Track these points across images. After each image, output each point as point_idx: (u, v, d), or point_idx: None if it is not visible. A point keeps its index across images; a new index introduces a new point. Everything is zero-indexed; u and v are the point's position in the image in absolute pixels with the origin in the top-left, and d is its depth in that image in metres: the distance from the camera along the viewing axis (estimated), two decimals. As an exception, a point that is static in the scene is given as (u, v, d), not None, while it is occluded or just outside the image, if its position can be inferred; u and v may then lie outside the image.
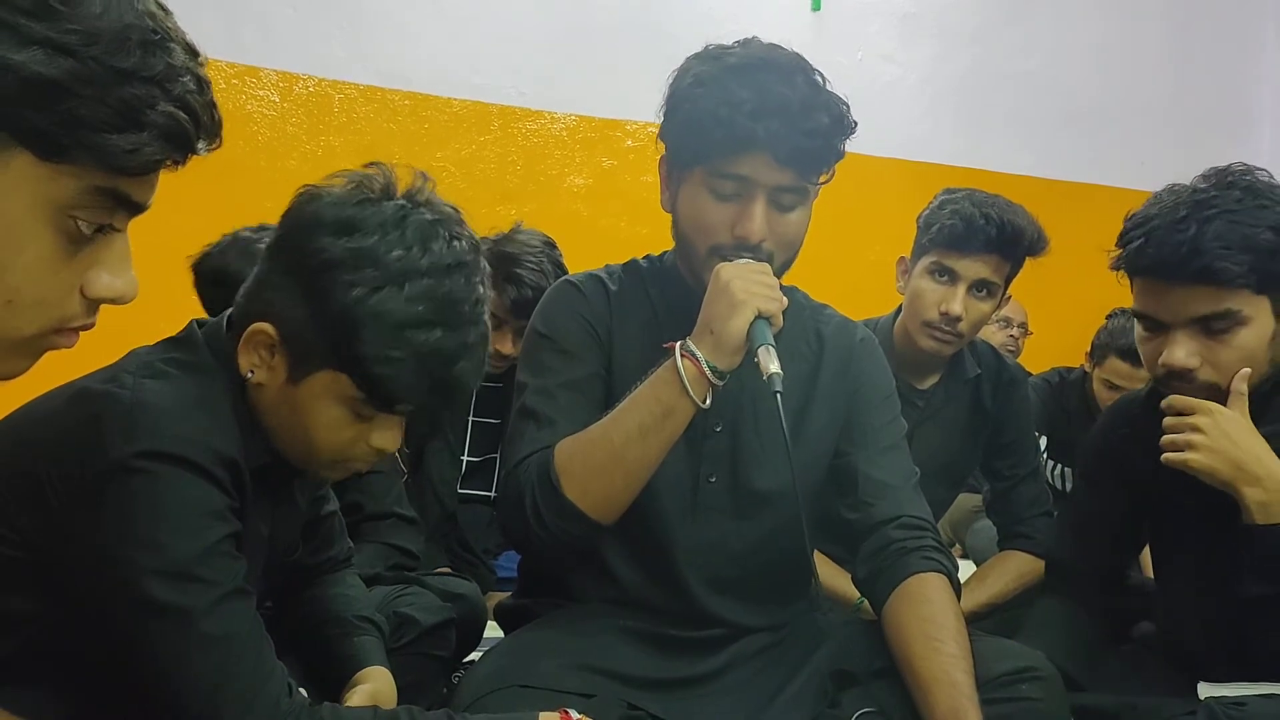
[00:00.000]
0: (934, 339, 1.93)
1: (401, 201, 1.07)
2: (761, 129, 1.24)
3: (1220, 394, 1.38)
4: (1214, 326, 1.36)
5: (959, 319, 1.89)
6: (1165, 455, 1.39)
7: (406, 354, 1.03)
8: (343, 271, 1.02)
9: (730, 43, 1.35)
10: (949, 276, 1.91)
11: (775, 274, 1.34)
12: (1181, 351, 1.37)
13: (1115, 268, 1.45)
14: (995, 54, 4.16)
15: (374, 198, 1.06)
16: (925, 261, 1.95)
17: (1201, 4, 4.49)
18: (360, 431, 1.09)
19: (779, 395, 1.21)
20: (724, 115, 1.25)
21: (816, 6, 3.85)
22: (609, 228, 3.45)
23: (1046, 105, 4.22)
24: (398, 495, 1.96)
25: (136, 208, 0.72)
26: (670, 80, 1.36)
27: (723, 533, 1.39)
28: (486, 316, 1.10)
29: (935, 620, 1.28)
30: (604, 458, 1.28)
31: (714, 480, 1.39)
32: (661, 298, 1.44)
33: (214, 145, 0.74)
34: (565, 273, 2.26)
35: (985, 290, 1.92)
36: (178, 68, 0.68)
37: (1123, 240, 1.43)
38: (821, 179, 1.33)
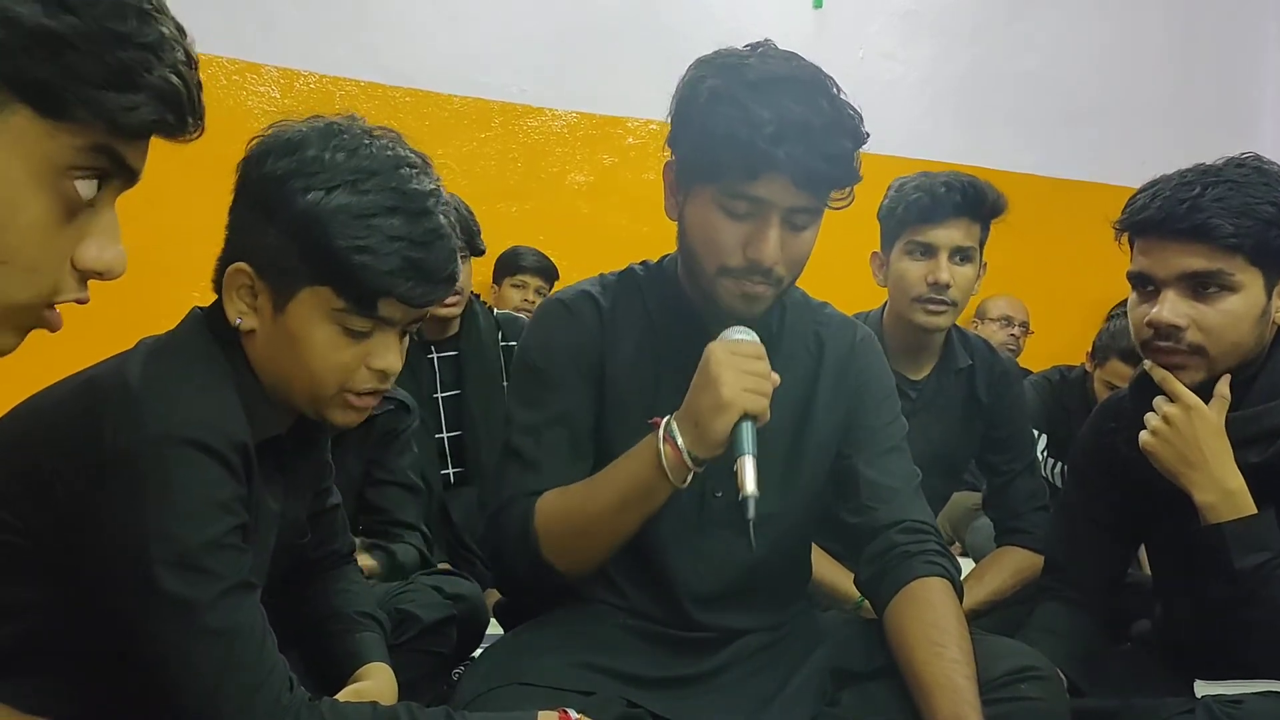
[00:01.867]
0: (928, 311, 1.96)
1: (335, 120, 1.12)
2: (783, 153, 1.20)
3: (1206, 359, 1.39)
4: (1204, 287, 1.38)
5: (948, 286, 1.93)
6: (1141, 434, 1.42)
7: (376, 241, 1.05)
8: (296, 180, 1.05)
9: (744, 47, 1.30)
10: (926, 250, 1.96)
11: (782, 288, 1.32)
12: (1168, 309, 1.38)
13: (1119, 226, 1.46)
14: (996, 52, 4.16)
15: (311, 124, 1.11)
16: (899, 245, 1.99)
17: (1203, 3, 4.48)
18: (358, 353, 1.10)
19: (751, 522, 1.19)
20: (743, 137, 1.20)
21: (818, 4, 3.85)
22: (610, 225, 3.45)
23: (1048, 104, 4.21)
24: (416, 513, 2.03)
25: (130, 175, 0.73)
26: (683, 86, 1.30)
27: (728, 548, 1.37)
28: (445, 213, 1.12)
29: (938, 625, 1.28)
30: (582, 524, 1.29)
31: (720, 495, 1.38)
32: (659, 308, 1.41)
33: (198, 129, 0.75)
34: (474, 226, 2.32)
35: (963, 256, 1.96)
36: (169, 38, 0.71)
37: (1129, 203, 1.46)
38: (839, 201, 1.31)
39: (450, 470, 2.48)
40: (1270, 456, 1.39)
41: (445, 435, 2.45)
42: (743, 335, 1.26)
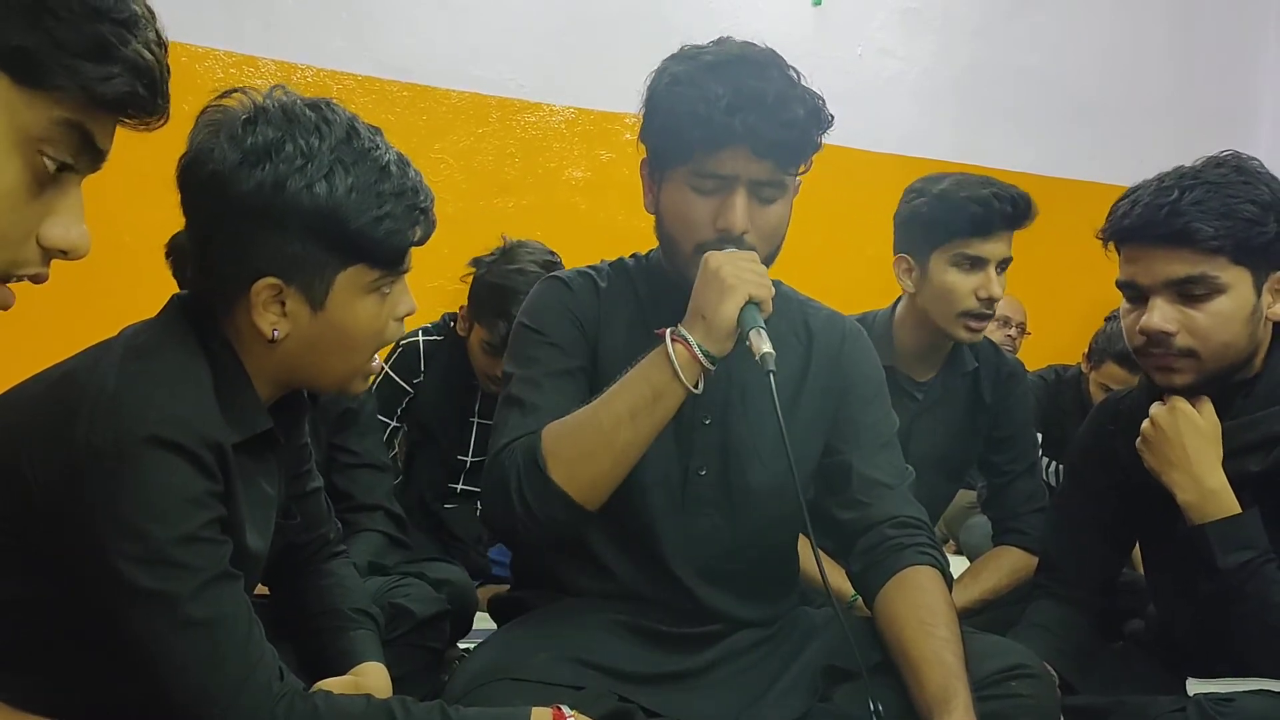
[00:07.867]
0: (970, 329, 1.94)
1: (273, 102, 1.09)
2: (739, 122, 1.25)
3: (1198, 361, 1.40)
4: (1191, 291, 1.38)
5: (998, 300, 1.93)
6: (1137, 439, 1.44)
7: (390, 205, 1.09)
8: (292, 181, 1.05)
9: (705, 43, 1.35)
10: (975, 263, 1.92)
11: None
12: (1158, 316, 1.39)
13: (1103, 236, 1.47)
14: (997, 49, 4.15)
15: (250, 118, 1.07)
16: (946, 255, 1.93)
17: (1204, 1, 4.48)
18: (386, 312, 1.15)
19: (773, 375, 1.21)
20: (701, 112, 1.26)
21: (817, 1, 3.84)
22: (607, 220, 3.44)
23: (1048, 101, 4.20)
24: (386, 491, 2.00)
25: (97, 155, 0.74)
26: (648, 82, 1.36)
27: (713, 526, 1.39)
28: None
29: (928, 606, 1.30)
30: (592, 440, 1.27)
31: (704, 473, 1.39)
32: (649, 295, 1.44)
33: (164, 114, 0.77)
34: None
35: (1005, 265, 1.96)
36: (142, 18, 0.74)
37: (1112, 210, 1.46)
38: (800, 171, 1.34)
39: (460, 486, 2.47)
40: (1270, 465, 1.39)
41: (470, 459, 2.44)
42: (735, 248, 1.29)
